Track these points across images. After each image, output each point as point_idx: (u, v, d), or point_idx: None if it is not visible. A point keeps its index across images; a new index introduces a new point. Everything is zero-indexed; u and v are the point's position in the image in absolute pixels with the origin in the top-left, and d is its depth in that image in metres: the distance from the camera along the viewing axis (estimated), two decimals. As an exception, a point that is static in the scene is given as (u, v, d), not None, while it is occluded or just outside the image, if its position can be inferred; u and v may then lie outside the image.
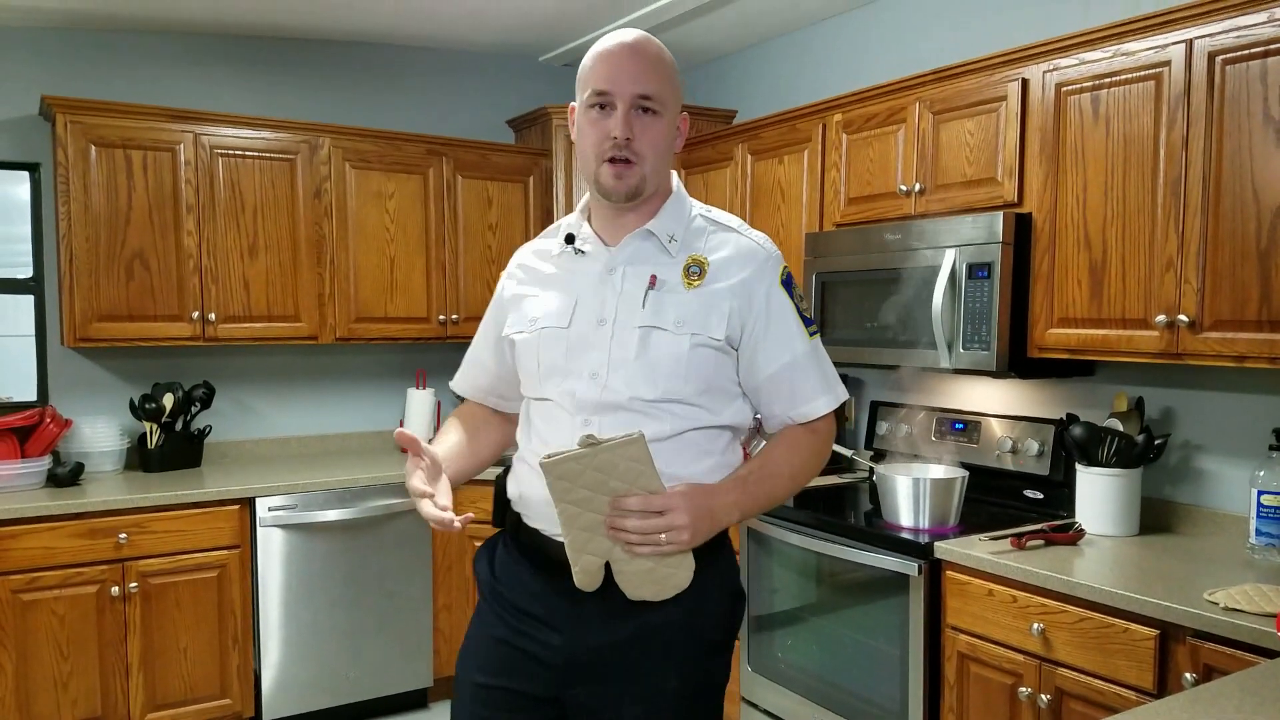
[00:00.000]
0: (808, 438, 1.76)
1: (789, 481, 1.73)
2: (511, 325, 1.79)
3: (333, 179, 4.02)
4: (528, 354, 1.74)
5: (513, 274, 1.86)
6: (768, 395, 1.73)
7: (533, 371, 1.73)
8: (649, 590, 1.61)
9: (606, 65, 1.65)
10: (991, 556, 2.50)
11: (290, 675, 3.67)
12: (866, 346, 3.20)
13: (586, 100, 1.67)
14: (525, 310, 1.78)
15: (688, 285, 1.67)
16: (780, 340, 1.70)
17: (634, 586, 1.61)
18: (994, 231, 2.75)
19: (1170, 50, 2.42)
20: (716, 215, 1.78)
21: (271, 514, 3.60)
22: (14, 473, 3.44)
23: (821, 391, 1.73)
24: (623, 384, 1.64)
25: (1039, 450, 3.02)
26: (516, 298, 1.81)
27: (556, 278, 1.77)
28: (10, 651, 3.20)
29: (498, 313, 1.88)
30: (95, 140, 3.58)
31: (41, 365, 3.90)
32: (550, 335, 1.71)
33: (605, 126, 1.65)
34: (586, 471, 1.53)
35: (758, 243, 1.74)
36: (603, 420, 1.63)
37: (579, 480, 1.54)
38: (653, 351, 1.63)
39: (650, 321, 1.65)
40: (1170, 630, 2.13)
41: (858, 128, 3.32)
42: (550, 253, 1.81)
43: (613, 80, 1.64)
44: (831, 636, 3.01)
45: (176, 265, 3.74)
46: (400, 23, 4.10)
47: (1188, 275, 2.40)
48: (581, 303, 1.70)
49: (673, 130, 1.71)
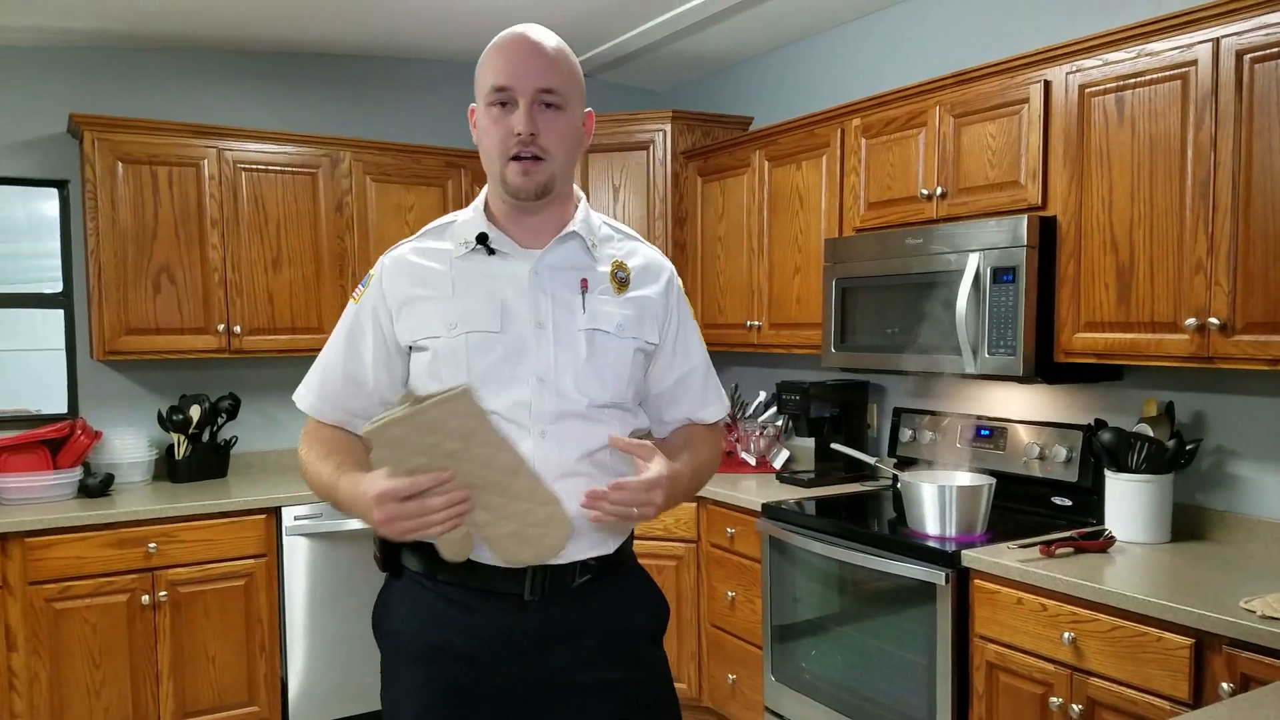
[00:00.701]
0: (714, 436, 1.86)
1: (708, 474, 1.82)
2: (415, 331, 1.63)
3: (354, 192, 4.05)
4: (453, 360, 1.59)
5: (390, 277, 1.67)
6: (672, 398, 1.79)
7: (459, 380, 1.56)
8: (527, 553, 1.54)
9: (505, 60, 1.57)
10: (1020, 565, 2.47)
11: (316, 682, 3.69)
12: (888, 352, 3.17)
13: (486, 98, 1.59)
14: (427, 315, 1.62)
15: (617, 290, 1.69)
16: (689, 347, 1.79)
17: (507, 550, 1.53)
18: (1018, 235, 2.72)
19: (1196, 50, 2.38)
20: (614, 223, 1.79)
21: (297, 523, 3.62)
22: (46, 484, 3.49)
23: (718, 397, 1.85)
24: (574, 388, 1.61)
25: (1067, 456, 2.98)
26: (408, 301, 1.64)
27: (465, 280, 1.64)
28: (44, 660, 3.24)
29: (379, 319, 1.67)
30: (122, 157, 3.63)
31: (71, 378, 3.94)
32: (481, 340, 1.59)
33: (508, 124, 1.57)
34: (415, 434, 1.43)
35: (659, 253, 1.80)
36: (560, 430, 1.60)
37: (409, 445, 1.44)
38: (599, 355, 1.63)
39: (593, 324, 1.64)
40: (1206, 639, 2.09)
41: (877, 132, 3.30)
42: (445, 253, 1.66)
43: (513, 75, 1.56)
44: (856, 646, 2.98)
45: (202, 279, 3.78)
46: (419, 37, 4.12)
47: (1218, 277, 2.36)
48: (509, 306, 1.61)
49: (579, 126, 1.65)
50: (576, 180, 4.21)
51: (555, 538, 1.55)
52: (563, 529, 1.54)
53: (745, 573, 3.48)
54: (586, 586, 1.62)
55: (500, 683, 1.59)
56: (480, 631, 1.59)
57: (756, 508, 3.36)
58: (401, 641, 1.65)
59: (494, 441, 1.48)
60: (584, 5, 3.74)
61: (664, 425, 1.82)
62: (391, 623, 1.67)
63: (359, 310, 1.69)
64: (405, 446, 1.44)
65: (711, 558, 3.66)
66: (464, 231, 1.66)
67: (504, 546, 1.53)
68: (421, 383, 1.61)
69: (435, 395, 1.45)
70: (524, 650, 1.59)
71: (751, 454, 4.01)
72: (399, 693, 1.66)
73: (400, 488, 1.43)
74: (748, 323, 3.92)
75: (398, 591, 1.68)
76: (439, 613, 1.61)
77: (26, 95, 3.81)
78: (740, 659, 3.52)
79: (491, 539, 1.53)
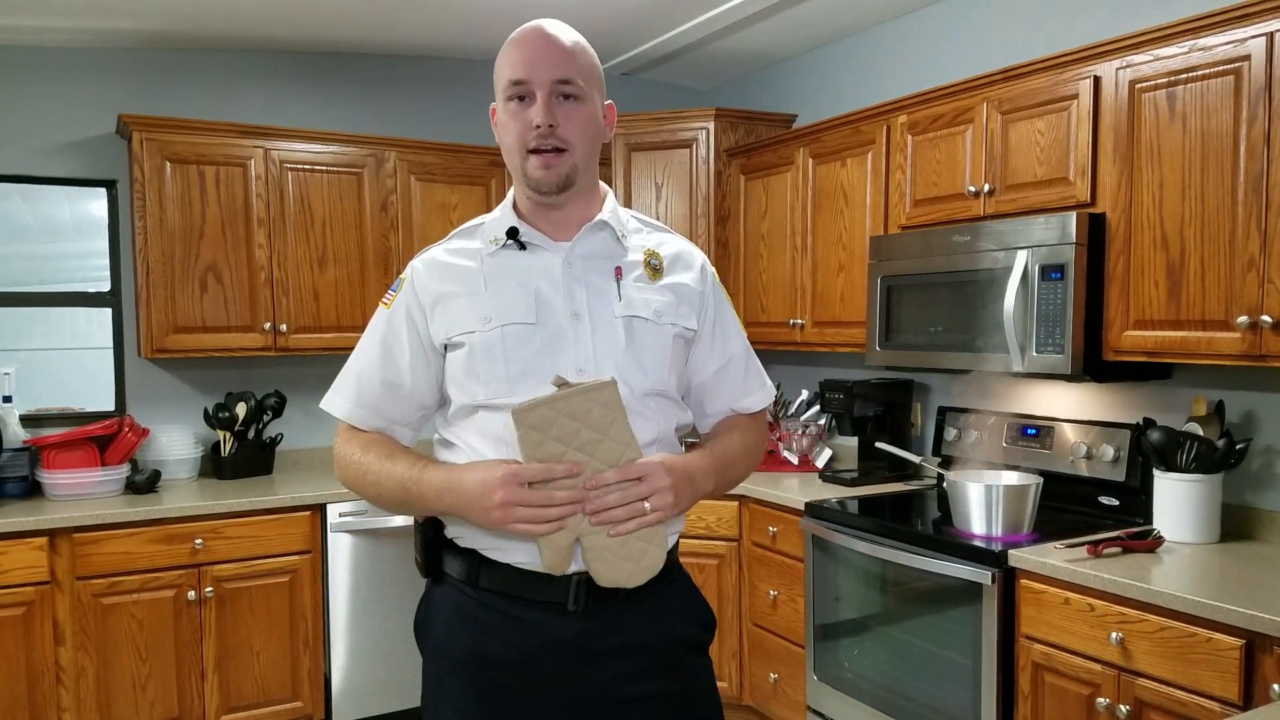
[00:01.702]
0: (756, 425, 1.83)
1: (745, 463, 1.78)
2: (451, 327, 1.60)
3: (398, 191, 4.08)
4: (489, 355, 1.56)
5: (422, 278, 1.65)
6: (714, 388, 1.77)
7: (497, 375, 1.55)
8: (623, 571, 1.49)
9: (521, 53, 1.57)
10: (1068, 564, 2.45)
11: (359, 678, 3.72)
12: (933, 350, 3.15)
13: (504, 93, 1.58)
14: (460, 311, 1.60)
15: (651, 277, 1.67)
16: (728, 335, 1.77)
17: (606, 566, 1.48)
18: (1067, 232, 2.70)
19: (1250, 44, 2.35)
20: (642, 216, 1.78)
21: (341, 520, 3.66)
22: (94, 480, 3.55)
23: (760, 385, 1.82)
24: (615, 375, 1.58)
25: (1114, 456, 2.95)
26: (440, 299, 1.62)
27: (497, 275, 1.62)
28: (92, 654, 3.30)
29: (414, 320, 1.63)
30: (170, 157, 3.68)
31: (119, 376, 4.01)
32: (518, 332, 1.57)
33: (526, 117, 1.56)
34: (559, 419, 1.43)
35: (690, 244, 1.79)
36: None
37: (550, 430, 1.43)
38: (638, 342, 1.61)
39: (630, 311, 1.62)
40: (1257, 640, 2.07)
41: (923, 129, 3.28)
42: (475, 251, 1.65)
43: (529, 68, 1.55)
44: (900, 646, 2.97)
45: (248, 277, 3.83)
46: (463, 36, 4.14)
47: (1271, 275, 2.33)
48: (543, 297, 1.59)
49: (598, 117, 1.63)
50: (619, 178, 4.27)
51: (655, 556, 1.52)
52: (662, 547, 1.52)
53: (787, 572, 3.47)
54: (630, 596, 1.57)
55: (544, 694, 1.56)
56: (523, 640, 1.56)
57: (799, 506, 3.35)
58: (444, 651, 1.63)
59: (626, 439, 1.48)
60: (627, 4, 3.75)
61: (706, 418, 1.81)
62: (434, 630, 1.65)
63: (392, 314, 1.66)
64: (547, 431, 1.43)
65: (753, 556, 3.65)
66: (493, 229, 1.66)
67: (603, 559, 1.49)
68: (460, 382, 1.59)
69: (583, 383, 1.46)
70: (568, 661, 1.56)
71: (794, 453, 4.00)
72: (443, 703, 1.63)
73: (532, 471, 1.44)
74: (791, 321, 3.91)
75: (440, 598, 1.66)
76: (481, 621, 1.58)
77: (75, 96, 3.87)
78: (782, 658, 3.52)
79: (593, 549, 1.49)
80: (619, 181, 4.29)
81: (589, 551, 1.49)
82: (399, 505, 1.62)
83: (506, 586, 1.57)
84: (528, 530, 1.47)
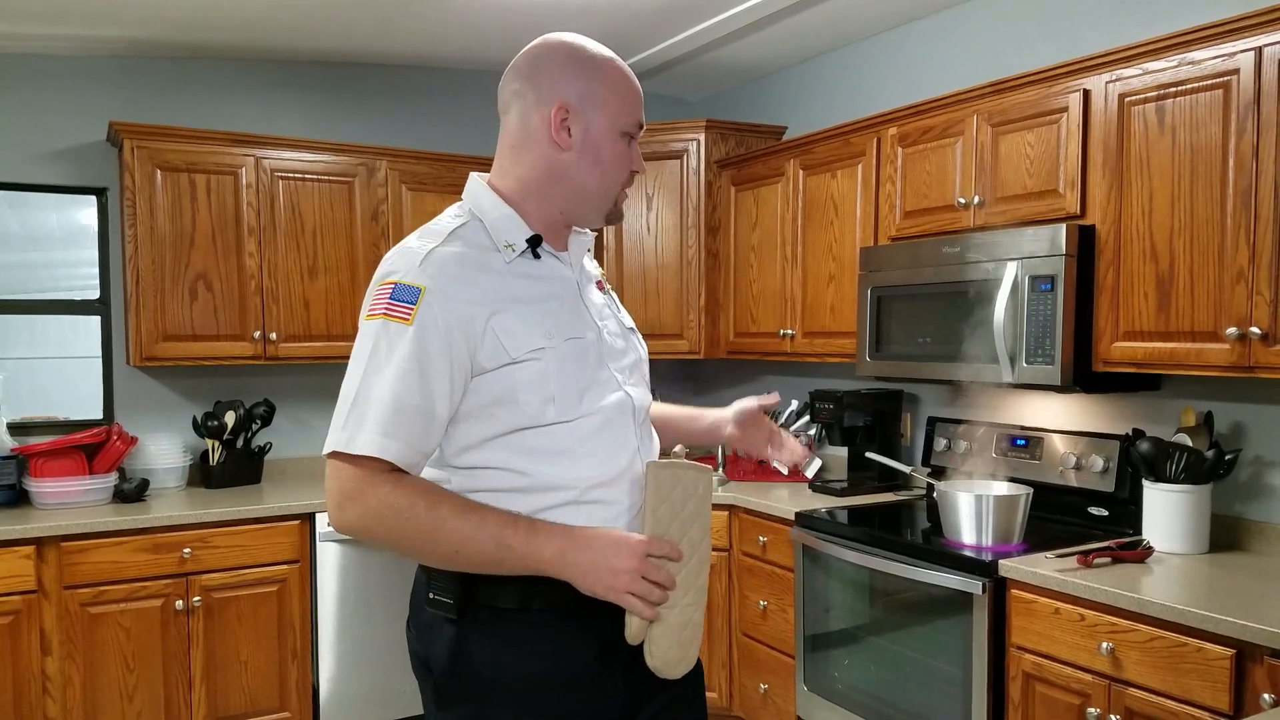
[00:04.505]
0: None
1: None
2: (517, 347, 1.45)
3: (389, 201, 4.08)
4: (562, 373, 1.47)
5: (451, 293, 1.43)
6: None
7: (570, 391, 1.48)
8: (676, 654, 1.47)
9: (638, 97, 1.58)
10: (1058, 574, 2.46)
11: (347, 689, 3.70)
12: (923, 361, 3.16)
13: (622, 128, 1.55)
14: (520, 325, 1.46)
15: (610, 289, 1.75)
16: None
17: (664, 649, 1.46)
18: (1057, 244, 2.72)
19: (1238, 59, 2.38)
20: None
21: (330, 529, 3.62)
22: (82, 489, 3.53)
23: None
24: (643, 384, 1.65)
25: (1103, 466, 2.96)
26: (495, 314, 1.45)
27: (532, 287, 1.52)
28: (79, 663, 3.27)
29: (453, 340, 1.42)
30: (161, 165, 3.67)
31: (108, 384, 3.99)
32: (578, 347, 1.52)
33: (631, 158, 1.58)
34: (679, 486, 1.46)
35: None
36: (646, 429, 1.63)
37: (669, 493, 1.46)
38: (640, 351, 1.69)
39: (629, 323, 1.70)
40: (1247, 650, 2.08)
41: (913, 141, 3.30)
42: (488, 259, 1.50)
43: (642, 114, 1.59)
44: (890, 656, 2.97)
45: (238, 286, 3.82)
46: (455, 47, 4.15)
47: (1260, 287, 2.35)
48: (577, 310, 1.57)
49: None
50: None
51: (696, 651, 1.52)
52: (699, 643, 1.53)
53: (777, 582, 3.47)
54: None
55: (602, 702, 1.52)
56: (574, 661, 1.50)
57: (789, 516, 3.35)
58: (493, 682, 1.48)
59: (708, 526, 1.51)
60: (619, 15, 3.76)
61: None
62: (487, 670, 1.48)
63: (421, 332, 1.40)
64: (669, 491, 1.46)
65: (743, 566, 3.65)
66: (504, 234, 1.52)
67: (665, 640, 1.47)
68: (516, 401, 1.45)
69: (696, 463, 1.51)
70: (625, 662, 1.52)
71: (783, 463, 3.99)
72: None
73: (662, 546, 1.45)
74: (780, 331, 3.92)
75: (485, 634, 1.49)
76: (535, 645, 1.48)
77: (66, 104, 3.86)
78: (772, 668, 3.51)
79: (659, 627, 1.46)
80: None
81: (656, 627, 1.47)
82: (479, 564, 1.44)
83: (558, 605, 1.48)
84: (636, 606, 1.44)
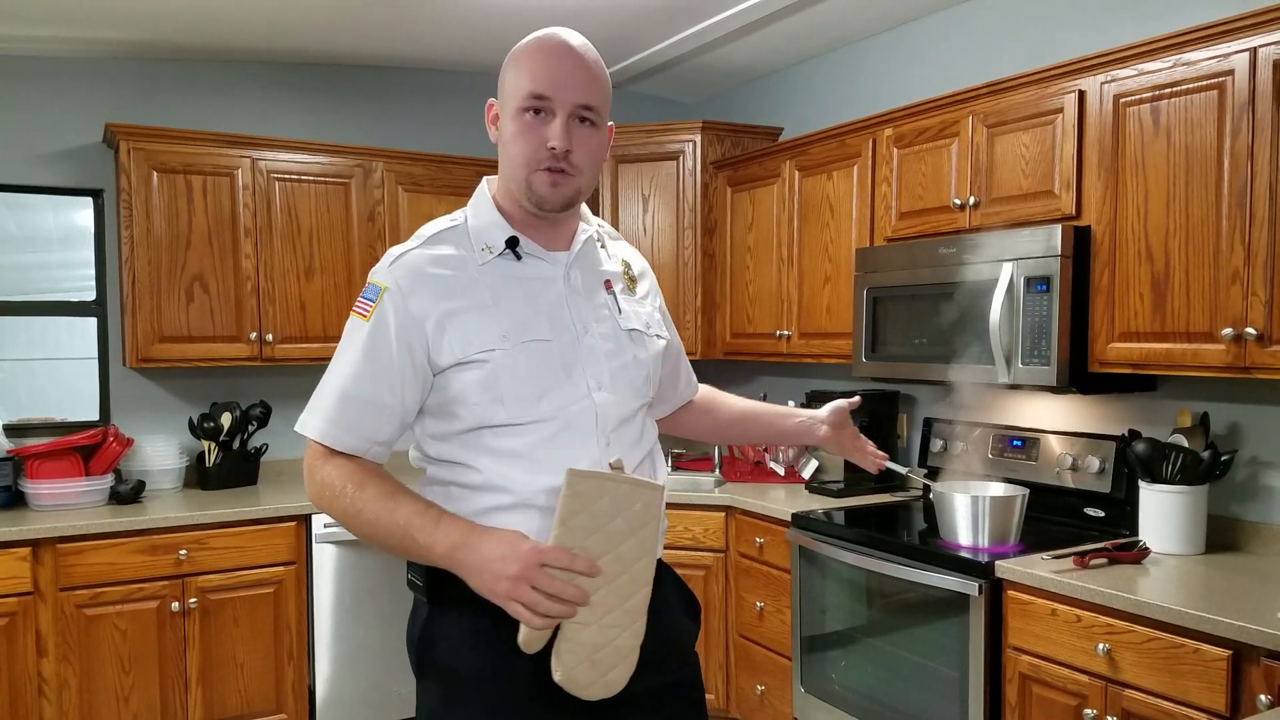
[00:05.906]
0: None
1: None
2: (467, 346, 1.49)
3: (385, 202, 4.08)
4: (513, 375, 1.48)
5: (411, 291, 1.50)
6: (671, 380, 1.85)
7: (523, 394, 1.49)
8: (586, 676, 1.41)
9: (546, 67, 1.49)
10: (1055, 575, 2.46)
11: (343, 690, 3.70)
12: (919, 362, 3.16)
13: (519, 102, 1.50)
14: (474, 327, 1.49)
15: (630, 289, 1.70)
16: (674, 332, 1.86)
17: (570, 665, 1.41)
18: (1052, 245, 2.72)
19: (1233, 60, 2.38)
20: (603, 221, 1.79)
21: (326, 530, 3.64)
22: (78, 490, 3.52)
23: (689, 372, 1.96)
24: (629, 391, 1.59)
25: (1100, 467, 2.96)
26: (447, 315, 1.49)
27: (500, 288, 1.53)
28: (74, 665, 3.26)
29: (407, 337, 1.49)
30: (157, 166, 3.67)
31: (104, 385, 3.98)
32: (539, 349, 1.51)
33: (542, 134, 1.49)
34: (604, 499, 1.39)
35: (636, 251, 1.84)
36: (619, 436, 1.57)
37: (592, 504, 1.39)
38: (639, 354, 1.63)
39: (629, 325, 1.64)
40: (1244, 651, 2.08)
41: (909, 142, 3.30)
42: (463, 260, 1.54)
43: (553, 85, 1.49)
44: (886, 657, 2.97)
45: (235, 287, 3.82)
46: (450, 48, 4.15)
47: (1255, 287, 2.35)
48: (553, 312, 1.55)
49: (607, 142, 1.61)
50: (607, 190, 4.28)
51: (621, 675, 1.45)
52: (631, 669, 1.46)
53: (774, 583, 3.47)
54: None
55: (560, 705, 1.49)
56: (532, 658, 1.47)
57: (786, 518, 3.35)
58: (454, 670, 1.53)
59: (649, 547, 1.45)
60: (616, 17, 3.76)
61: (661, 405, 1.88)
62: (440, 650, 1.54)
63: (374, 328, 1.50)
64: (588, 503, 1.39)
65: (740, 568, 3.65)
66: (484, 236, 1.56)
67: (573, 656, 1.41)
68: (472, 402, 1.49)
69: (638, 477, 1.47)
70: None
71: (780, 464, 4.00)
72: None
73: (555, 556, 1.38)
74: (777, 332, 3.92)
75: (444, 619, 1.54)
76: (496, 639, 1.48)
77: (62, 105, 3.86)
78: (769, 670, 3.51)
79: (567, 642, 1.41)
80: (606, 193, 4.30)
81: (563, 643, 1.42)
82: (391, 548, 1.49)
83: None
84: (522, 614, 1.39)
